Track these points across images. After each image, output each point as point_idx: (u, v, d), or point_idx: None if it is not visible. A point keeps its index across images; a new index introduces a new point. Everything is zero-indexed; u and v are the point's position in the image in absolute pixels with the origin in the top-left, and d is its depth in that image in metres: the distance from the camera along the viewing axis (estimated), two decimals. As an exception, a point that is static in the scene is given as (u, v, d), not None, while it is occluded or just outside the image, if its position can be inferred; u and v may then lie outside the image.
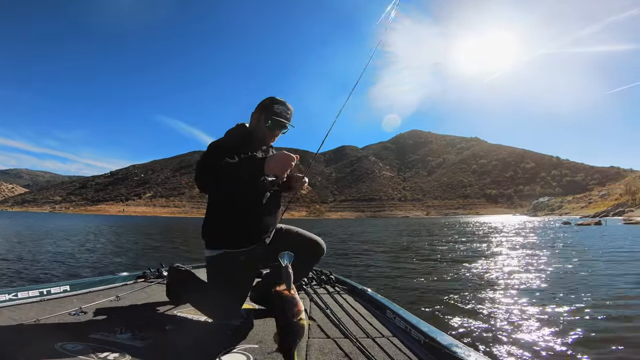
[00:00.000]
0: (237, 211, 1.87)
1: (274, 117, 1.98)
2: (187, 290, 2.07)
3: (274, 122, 1.99)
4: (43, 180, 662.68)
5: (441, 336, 1.41)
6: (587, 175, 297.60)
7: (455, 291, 4.80)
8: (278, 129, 2.06)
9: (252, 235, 1.91)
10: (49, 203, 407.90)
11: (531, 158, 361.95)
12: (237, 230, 1.87)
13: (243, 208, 1.87)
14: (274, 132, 2.06)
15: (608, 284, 5.25)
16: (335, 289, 2.62)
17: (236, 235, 1.87)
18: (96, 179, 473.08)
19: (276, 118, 1.99)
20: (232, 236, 1.87)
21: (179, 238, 17.61)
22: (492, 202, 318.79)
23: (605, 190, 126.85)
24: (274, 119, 1.99)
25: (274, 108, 2.00)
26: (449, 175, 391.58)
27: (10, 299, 2.00)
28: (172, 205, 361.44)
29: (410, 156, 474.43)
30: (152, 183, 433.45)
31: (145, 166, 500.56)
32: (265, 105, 2.03)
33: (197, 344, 1.55)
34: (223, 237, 1.89)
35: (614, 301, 4.27)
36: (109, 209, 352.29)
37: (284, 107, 2.04)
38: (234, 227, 1.87)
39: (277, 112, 2.00)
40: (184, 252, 11.31)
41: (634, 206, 57.54)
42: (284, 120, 2.03)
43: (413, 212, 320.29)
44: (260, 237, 1.94)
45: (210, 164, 1.74)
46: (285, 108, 2.04)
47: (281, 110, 2.02)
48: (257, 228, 1.93)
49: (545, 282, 5.49)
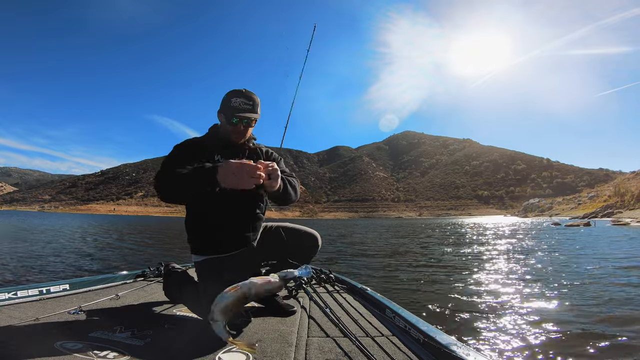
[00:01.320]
0: (213, 217, 1.77)
1: (233, 113, 1.81)
2: (182, 291, 2.06)
3: (233, 117, 1.82)
4: (32, 178, 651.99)
5: (440, 335, 1.41)
6: (576, 176, 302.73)
7: (455, 291, 4.82)
8: (241, 124, 1.85)
9: (234, 240, 1.83)
10: (38, 202, 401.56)
11: (522, 160, 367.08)
12: (216, 236, 1.79)
13: (220, 213, 1.77)
14: (238, 127, 1.85)
15: (606, 284, 5.32)
16: (334, 288, 2.61)
17: (217, 242, 1.79)
18: (87, 178, 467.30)
19: (236, 115, 1.80)
20: (213, 243, 1.81)
21: (174, 238, 17.42)
22: (484, 203, 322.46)
23: (594, 191, 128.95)
24: (234, 115, 1.81)
25: (232, 102, 1.82)
26: (441, 176, 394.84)
27: (9, 298, 1.99)
28: (164, 204, 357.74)
29: (403, 157, 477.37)
30: (143, 182, 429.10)
31: (137, 165, 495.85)
32: (224, 101, 1.86)
33: (196, 342, 1.53)
34: (205, 244, 1.85)
35: (614, 301, 4.29)
36: (99, 209, 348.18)
37: (243, 99, 1.83)
38: (214, 234, 1.79)
39: (235, 105, 1.81)
40: (180, 252, 11.18)
41: (622, 208, 58.54)
42: (244, 115, 1.82)
43: (406, 212, 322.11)
44: (244, 240, 1.87)
45: (158, 177, 1.64)
46: (244, 99, 1.83)
47: (239, 102, 1.82)
48: (238, 232, 1.84)
49: (542, 281, 5.54)
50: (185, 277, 2.16)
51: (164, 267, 2.36)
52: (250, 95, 1.86)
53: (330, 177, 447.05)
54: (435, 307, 4.01)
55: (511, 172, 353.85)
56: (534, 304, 4.12)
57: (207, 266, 1.88)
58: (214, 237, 1.80)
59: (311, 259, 2.10)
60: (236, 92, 1.84)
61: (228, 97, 1.85)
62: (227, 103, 1.83)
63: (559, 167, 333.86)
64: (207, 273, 1.88)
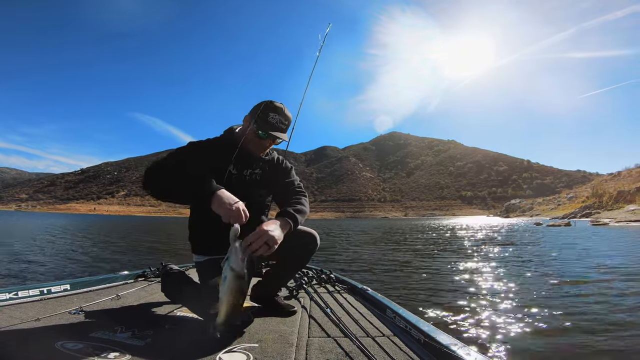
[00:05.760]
0: (218, 218, 1.70)
1: (267, 130, 1.77)
2: (181, 292, 2.05)
3: (265, 133, 1.78)
4: (9, 177, 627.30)
5: (441, 335, 1.42)
6: (555, 178, 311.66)
7: (455, 292, 4.84)
8: (270, 141, 1.83)
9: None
10: (15, 201, 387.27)
11: (504, 161, 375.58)
12: (216, 237, 1.75)
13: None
14: (265, 143, 1.83)
15: (603, 284, 5.36)
16: (335, 288, 2.64)
17: (217, 243, 1.75)
18: (66, 177, 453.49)
19: (270, 132, 1.77)
20: (213, 243, 1.80)
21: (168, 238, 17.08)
22: (467, 203, 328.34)
23: (573, 192, 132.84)
24: (266, 132, 1.77)
25: (269, 117, 1.77)
26: (426, 177, 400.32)
27: (10, 298, 1.98)
28: (148, 204, 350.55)
29: (389, 157, 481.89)
30: (125, 181, 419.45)
31: (119, 164, 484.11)
32: (260, 111, 1.79)
33: (197, 343, 1.54)
34: (205, 244, 1.86)
35: (613, 301, 4.31)
36: (79, 208, 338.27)
37: (281, 117, 1.79)
38: (214, 235, 1.75)
39: (272, 122, 1.77)
40: (178, 252, 10.97)
41: (600, 208, 60.66)
42: (277, 134, 1.79)
43: (392, 212, 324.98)
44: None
45: (157, 163, 1.61)
46: (282, 118, 1.79)
47: (277, 120, 1.78)
48: (241, 233, 1.87)
49: (542, 281, 5.56)
50: (184, 278, 2.15)
51: (162, 268, 2.34)
52: (288, 115, 1.83)
53: (317, 177, 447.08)
54: (436, 307, 4.02)
55: (494, 173, 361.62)
56: (534, 304, 4.12)
57: (208, 266, 1.88)
58: (217, 238, 1.78)
59: (310, 257, 2.11)
60: (276, 108, 1.79)
61: (266, 110, 1.79)
62: (264, 116, 1.78)
63: (539, 169, 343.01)
64: (208, 273, 1.88)
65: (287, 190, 2.04)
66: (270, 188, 2.04)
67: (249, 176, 1.93)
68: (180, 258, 8.95)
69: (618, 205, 56.29)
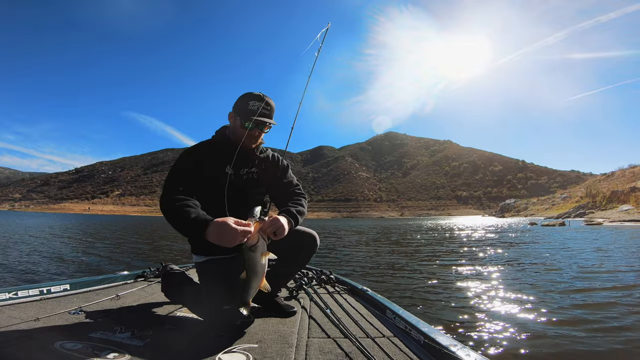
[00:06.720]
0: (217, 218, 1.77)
1: (250, 117, 1.78)
2: (181, 292, 2.05)
3: (250, 121, 1.79)
4: (2, 176, 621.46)
5: (441, 336, 1.43)
6: (550, 178, 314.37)
7: (455, 292, 4.84)
8: (257, 129, 1.85)
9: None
10: (8, 200, 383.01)
11: (499, 161, 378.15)
12: None
13: (224, 215, 1.72)
14: (254, 132, 1.84)
15: (602, 284, 5.38)
16: (335, 289, 2.65)
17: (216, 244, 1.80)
18: (60, 176, 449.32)
19: (254, 119, 1.78)
20: (213, 243, 1.81)
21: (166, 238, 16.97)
22: (463, 203, 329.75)
23: (567, 192, 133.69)
24: (251, 120, 1.78)
25: (249, 105, 1.78)
26: (422, 177, 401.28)
27: (10, 298, 1.99)
28: (143, 204, 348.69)
29: (386, 157, 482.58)
30: (120, 181, 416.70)
31: (114, 163, 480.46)
32: (240, 103, 1.82)
33: (196, 343, 1.54)
34: (207, 245, 1.86)
35: (613, 301, 4.32)
36: (73, 208, 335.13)
37: (261, 103, 1.79)
38: None
39: (253, 109, 1.78)
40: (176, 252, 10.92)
41: (594, 208, 61.16)
42: (262, 119, 1.80)
43: (388, 212, 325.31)
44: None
45: (161, 200, 1.66)
46: (263, 103, 1.79)
47: (257, 106, 1.78)
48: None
49: (542, 282, 5.56)
50: (184, 279, 2.15)
51: (162, 268, 2.34)
52: (269, 100, 1.83)
53: (314, 177, 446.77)
54: (436, 308, 4.02)
55: (489, 173, 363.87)
56: (534, 304, 4.12)
57: (208, 267, 1.88)
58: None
59: (310, 258, 2.12)
60: (254, 96, 1.80)
61: (244, 100, 1.81)
62: (244, 106, 1.79)
63: (533, 169, 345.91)
64: (208, 274, 1.88)
65: (286, 190, 2.05)
66: (267, 186, 2.05)
67: (246, 175, 1.94)
68: (180, 258, 8.94)
69: (612, 205, 56.78)
